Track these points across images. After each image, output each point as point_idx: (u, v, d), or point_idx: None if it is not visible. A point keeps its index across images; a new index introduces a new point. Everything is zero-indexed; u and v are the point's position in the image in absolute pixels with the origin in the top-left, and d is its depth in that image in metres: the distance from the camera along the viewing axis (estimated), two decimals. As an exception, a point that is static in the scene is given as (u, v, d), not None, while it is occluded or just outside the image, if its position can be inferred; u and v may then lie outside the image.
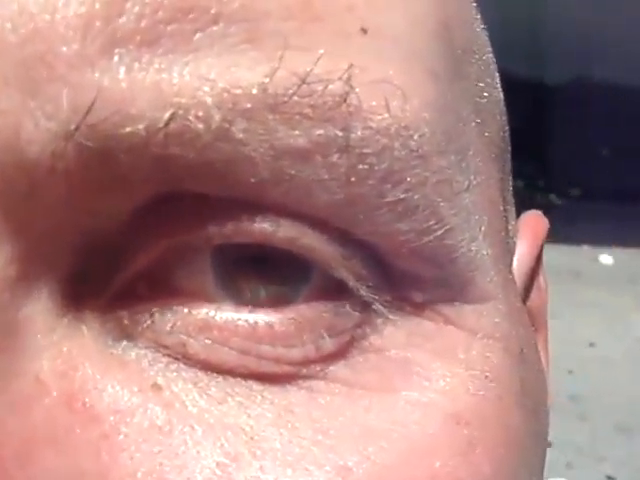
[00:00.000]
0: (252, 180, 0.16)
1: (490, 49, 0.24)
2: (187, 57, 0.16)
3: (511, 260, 0.25)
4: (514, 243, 0.26)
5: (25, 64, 0.15)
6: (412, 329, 0.19)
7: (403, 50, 0.18)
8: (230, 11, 0.16)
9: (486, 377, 0.20)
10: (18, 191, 0.16)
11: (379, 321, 0.19)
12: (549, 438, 0.24)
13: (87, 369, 0.17)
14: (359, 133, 0.17)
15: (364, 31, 0.18)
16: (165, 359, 0.18)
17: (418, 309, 0.19)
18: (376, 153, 0.17)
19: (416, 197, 0.18)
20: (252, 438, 0.18)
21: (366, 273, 0.18)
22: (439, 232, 0.19)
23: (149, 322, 0.18)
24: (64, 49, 0.15)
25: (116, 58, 0.16)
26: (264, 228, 0.17)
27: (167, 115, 0.16)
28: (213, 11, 0.16)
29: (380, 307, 0.19)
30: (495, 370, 0.20)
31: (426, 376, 0.19)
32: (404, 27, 0.18)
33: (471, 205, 0.20)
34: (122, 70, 0.16)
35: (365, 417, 0.19)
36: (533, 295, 0.28)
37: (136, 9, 0.16)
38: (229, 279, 0.18)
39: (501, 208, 0.23)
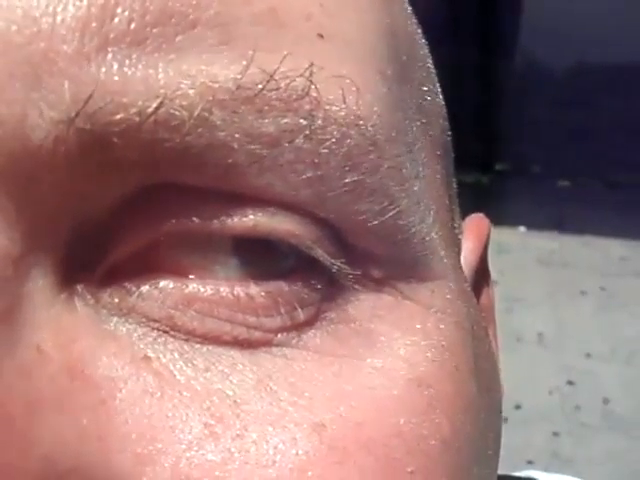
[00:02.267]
0: (229, 161, 0.19)
1: (430, 60, 0.27)
2: (170, 56, 0.18)
3: (459, 253, 0.28)
4: (460, 240, 0.28)
5: (29, 60, 0.17)
6: (374, 303, 0.22)
7: (355, 52, 0.21)
8: (207, 17, 0.19)
9: (442, 346, 0.22)
10: (24, 174, 0.18)
11: (345, 296, 0.21)
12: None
13: (83, 342, 0.19)
14: (320, 122, 0.19)
15: (320, 36, 0.20)
16: (154, 333, 0.20)
17: (378, 284, 0.22)
18: (335, 139, 0.20)
19: (371, 180, 0.20)
20: (235, 402, 0.20)
21: (334, 251, 0.21)
22: (392, 212, 0.21)
23: (138, 299, 0.20)
24: (64, 47, 0.17)
25: (110, 55, 0.18)
26: (244, 222, 0.20)
27: (156, 103, 0.18)
28: (191, 17, 0.19)
29: (347, 282, 0.21)
30: (449, 340, 0.23)
31: (388, 345, 0.22)
32: (356, 33, 0.21)
33: (420, 193, 0.22)
34: (115, 66, 0.18)
35: (335, 381, 0.21)
36: (482, 294, 0.31)
37: (126, 13, 0.18)
38: (214, 259, 0.20)
39: (447, 202, 0.25)
